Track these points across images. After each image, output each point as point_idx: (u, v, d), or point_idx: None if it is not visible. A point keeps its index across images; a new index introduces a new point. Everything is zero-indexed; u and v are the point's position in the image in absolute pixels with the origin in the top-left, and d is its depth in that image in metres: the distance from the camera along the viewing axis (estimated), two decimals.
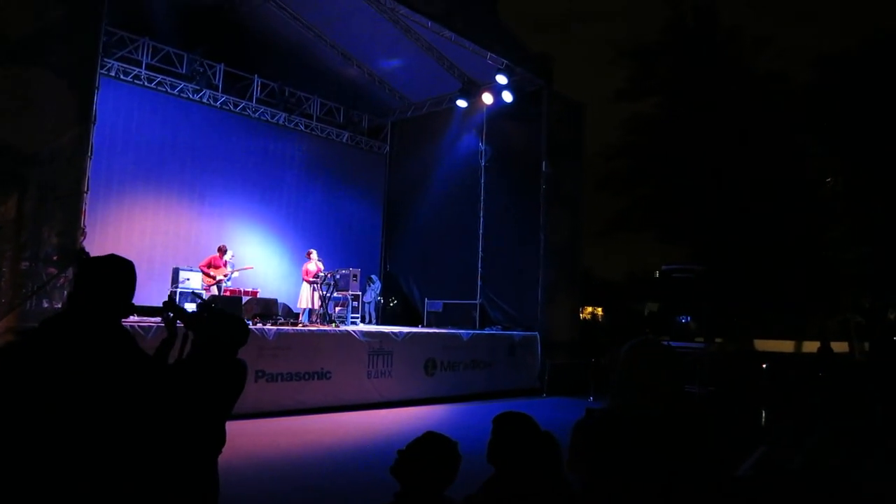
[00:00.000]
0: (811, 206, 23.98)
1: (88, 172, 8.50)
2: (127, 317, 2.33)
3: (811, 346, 27.87)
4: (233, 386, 3.12)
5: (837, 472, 3.78)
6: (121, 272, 2.27)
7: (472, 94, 16.11)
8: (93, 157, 8.82)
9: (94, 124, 8.64)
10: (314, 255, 13.86)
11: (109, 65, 13.06)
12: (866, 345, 25.68)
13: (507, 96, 15.30)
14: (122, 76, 13.44)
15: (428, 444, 2.35)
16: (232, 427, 9.18)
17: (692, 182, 24.83)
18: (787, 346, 30.18)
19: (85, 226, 8.43)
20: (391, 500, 2.35)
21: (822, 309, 25.91)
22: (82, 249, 8.29)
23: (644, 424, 1.82)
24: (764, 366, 11.48)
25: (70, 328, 2.01)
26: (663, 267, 14.92)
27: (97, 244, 11.62)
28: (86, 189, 8.44)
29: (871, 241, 23.25)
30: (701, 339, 13.66)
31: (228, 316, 3.22)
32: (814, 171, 25.06)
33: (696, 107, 24.76)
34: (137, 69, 13.66)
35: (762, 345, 29.19)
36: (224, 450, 7.19)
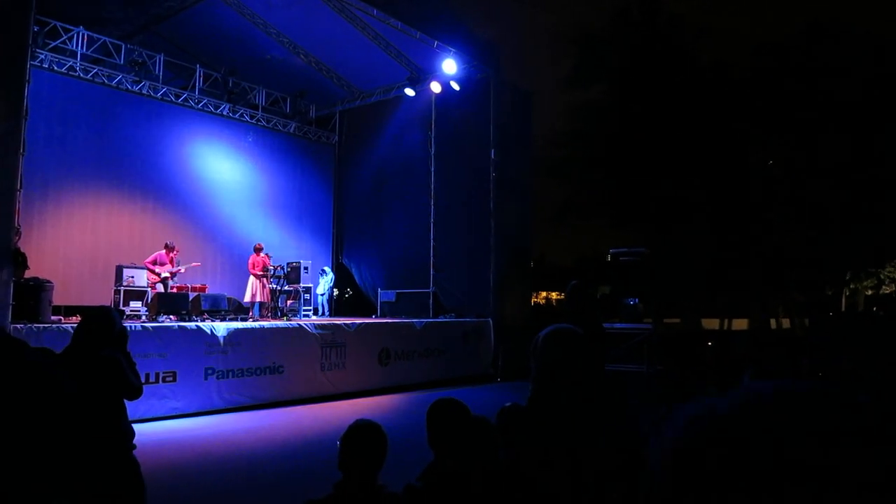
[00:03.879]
0: (754, 189, 24.76)
1: (21, 169, 8.19)
2: None
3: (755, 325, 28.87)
4: (103, 379, 3.21)
5: None
6: None
7: (421, 83, 16.07)
8: (27, 153, 8.52)
9: (27, 119, 8.34)
10: (262, 248, 13.69)
11: (42, 56, 12.57)
12: (806, 321, 26.72)
13: (455, 85, 15.32)
14: (55, 68, 12.94)
15: (353, 430, 2.47)
16: (186, 425, 9.05)
17: (639, 167, 25.33)
18: (738, 324, 31.13)
19: (20, 225, 8.14)
20: (331, 490, 2.38)
21: (765, 287, 26.82)
22: (17, 250, 8.01)
23: (561, 408, 1.89)
24: (709, 344, 11.84)
25: None
26: (611, 250, 15.21)
27: (34, 244, 11.23)
28: (19, 187, 8.14)
29: (809, 222, 24.15)
30: (649, 320, 13.99)
31: (87, 311, 3.42)
32: (755, 155, 25.84)
33: (641, 94, 25.23)
34: (72, 60, 13.18)
35: (738, 324, 30.13)
36: (180, 448, 7.13)
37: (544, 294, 54.26)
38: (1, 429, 1.80)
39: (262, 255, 13.44)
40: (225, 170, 16.01)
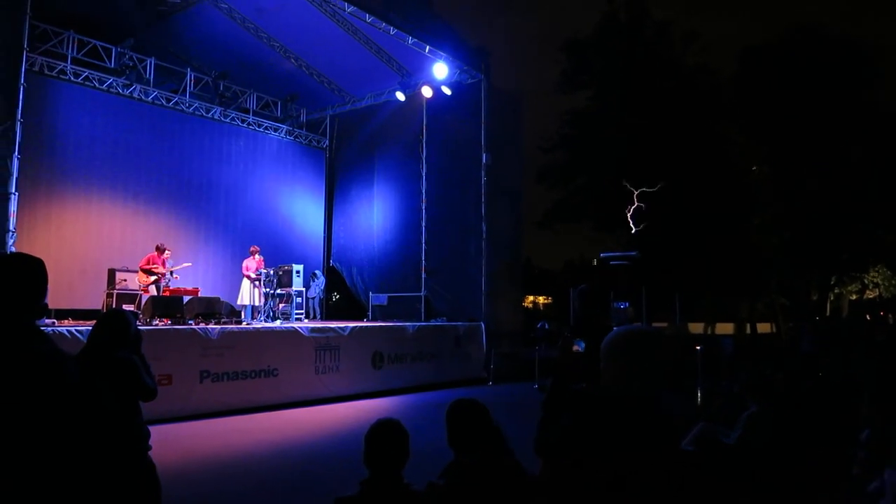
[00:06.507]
0: (738, 194, 25.00)
1: (16, 173, 8.17)
2: (41, 318, 2.15)
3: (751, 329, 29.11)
4: (119, 381, 3.27)
5: (767, 446, 4.05)
6: (27, 271, 2.06)
7: (412, 88, 16.14)
8: (20, 156, 8.49)
9: (22, 122, 8.31)
10: (257, 251, 13.69)
11: (33, 59, 12.49)
12: (791, 325, 27.01)
13: (447, 89, 15.40)
14: (46, 71, 12.89)
15: (377, 428, 2.54)
16: (182, 428, 9.05)
17: (625, 172, 25.49)
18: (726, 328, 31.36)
19: (15, 228, 8.11)
20: (357, 488, 2.43)
21: (750, 292, 27.07)
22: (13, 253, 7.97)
23: (640, 405, 1.95)
24: (697, 347, 12.00)
25: None
26: (601, 255, 15.37)
27: (26, 247, 11.15)
28: (14, 190, 8.11)
29: (793, 226, 24.44)
30: (640, 324, 14.13)
31: (102, 314, 3.53)
32: (740, 159, 26.10)
33: (627, 100, 25.43)
34: (62, 63, 13.12)
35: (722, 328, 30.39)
36: (177, 451, 7.17)
37: (531, 298, 54.47)
38: (38, 434, 1.83)
39: (256, 258, 13.43)
40: (216, 173, 15.98)
